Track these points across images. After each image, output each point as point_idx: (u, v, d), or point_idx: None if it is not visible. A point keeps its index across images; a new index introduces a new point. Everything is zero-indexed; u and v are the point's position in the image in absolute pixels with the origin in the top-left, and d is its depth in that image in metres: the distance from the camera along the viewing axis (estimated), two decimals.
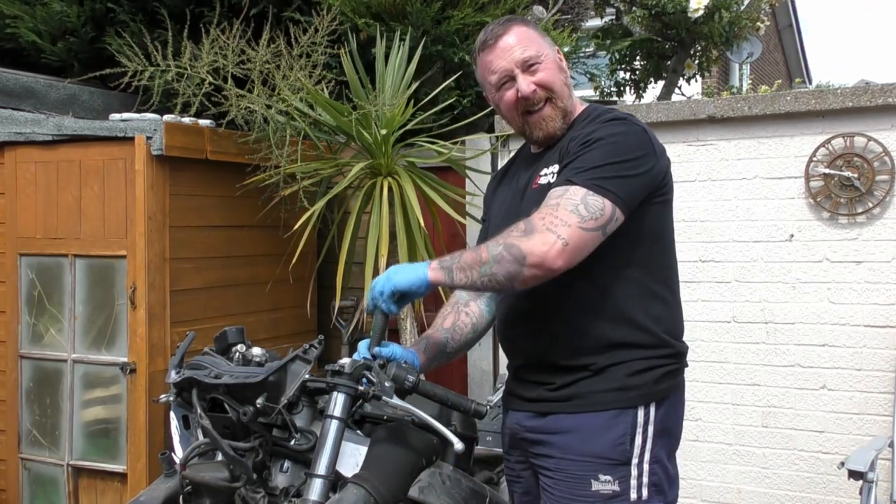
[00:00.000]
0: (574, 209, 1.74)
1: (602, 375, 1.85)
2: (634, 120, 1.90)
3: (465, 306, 2.13)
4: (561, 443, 1.86)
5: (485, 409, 1.91)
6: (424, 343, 2.05)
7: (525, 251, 1.72)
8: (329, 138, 3.65)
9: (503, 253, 1.74)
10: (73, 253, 3.49)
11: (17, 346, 3.62)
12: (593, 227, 1.74)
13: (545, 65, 1.92)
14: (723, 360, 3.66)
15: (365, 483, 1.80)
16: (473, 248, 1.81)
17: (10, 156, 3.61)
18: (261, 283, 3.86)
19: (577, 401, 1.85)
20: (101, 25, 4.46)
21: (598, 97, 5.72)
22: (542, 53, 1.93)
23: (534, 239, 1.72)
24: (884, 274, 3.38)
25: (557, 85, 1.93)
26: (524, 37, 1.94)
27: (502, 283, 1.76)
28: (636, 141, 1.84)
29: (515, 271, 1.73)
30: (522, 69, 1.92)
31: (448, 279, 1.79)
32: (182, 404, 1.99)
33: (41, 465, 3.59)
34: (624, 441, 1.82)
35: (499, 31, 1.96)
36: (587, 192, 1.76)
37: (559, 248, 1.71)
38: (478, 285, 1.78)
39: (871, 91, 3.38)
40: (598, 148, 1.81)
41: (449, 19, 3.95)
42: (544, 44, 1.96)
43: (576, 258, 1.74)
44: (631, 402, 1.83)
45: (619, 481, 1.81)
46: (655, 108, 3.78)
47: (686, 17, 4.93)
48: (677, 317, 1.96)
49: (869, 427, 3.41)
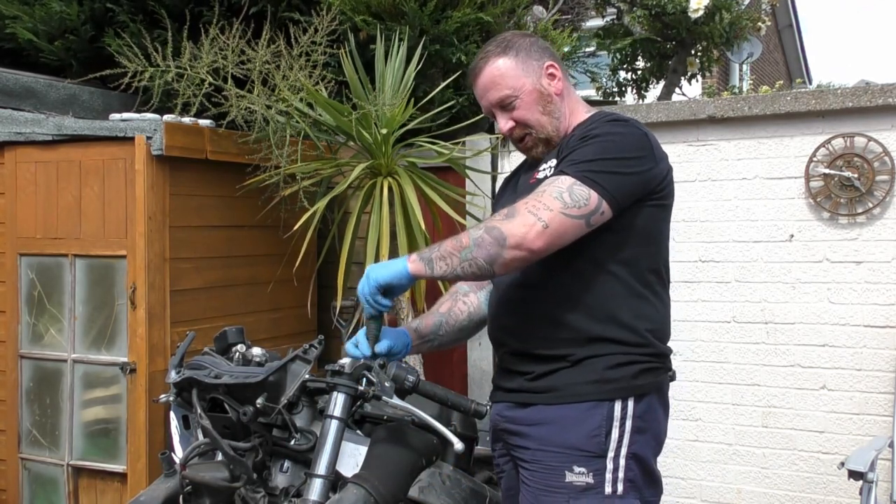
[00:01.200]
0: (559, 196, 1.76)
1: (580, 367, 1.85)
2: (637, 124, 1.91)
3: (463, 296, 2.16)
4: (538, 434, 1.87)
5: (485, 409, 1.91)
6: (417, 323, 2.09)
7: (506, 233, 1.74)
8: (329, 138, 3.65)
9: (484, 235, 1.76)
10: (73, 253, 3.49)
11: (17, 346, 3.62)
12: (576, 214, 1.75)
13: (521, 100, 1.94)
14: (723, 360, 3.66)
15: (365, 483, 1.81)
16: (454, 237, 1.82)
17: (10, 156, 3.61)
18: (261, 283, 3.86)
19: (554, 392, 1.86)
20: (101, 25, 4.45)
21: (600, 97, 5.72)
22: (517, 89, 1.94)
23: (514, 221, 1.75)
24: (884, 274, 3.38)
25: (533, 118, 1.95)
26: (496, 76, 1.95)
27: (483, 266, 1.76)
28: (634, 142, 1.85)
29: (496, 253, 1.74)
30: (499, 108, 1.97)
31: (428, 269, 1.80)
32: (182, 404, 1.99)
33: (41, 465, 3.59)
34: (599, 433, 1.82)
35: (477, 68, 1.99)
36: (575, 181, 1.78)
37: (539, 229, 1.73)
38: (458, 273, 1.79)
39: (872, 91, 3.38)
40: (594, 143, 1.83)
41: (448, 19, 3.94)
42: (522, 76, 1.95)
43: (556, 242, 1.76)
44: (608, 395, 1.83)
45: (594, 474, 1.81)
46: (656, 108, 3.78)
47: (686, 17, 4.93)
48: (663, 320, 1.95)
49: (869, 427, 3.41)
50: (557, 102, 1.97)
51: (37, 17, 4.53)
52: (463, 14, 3.95)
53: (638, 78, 5.67)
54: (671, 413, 3.85)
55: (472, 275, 1.80)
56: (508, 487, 2.04)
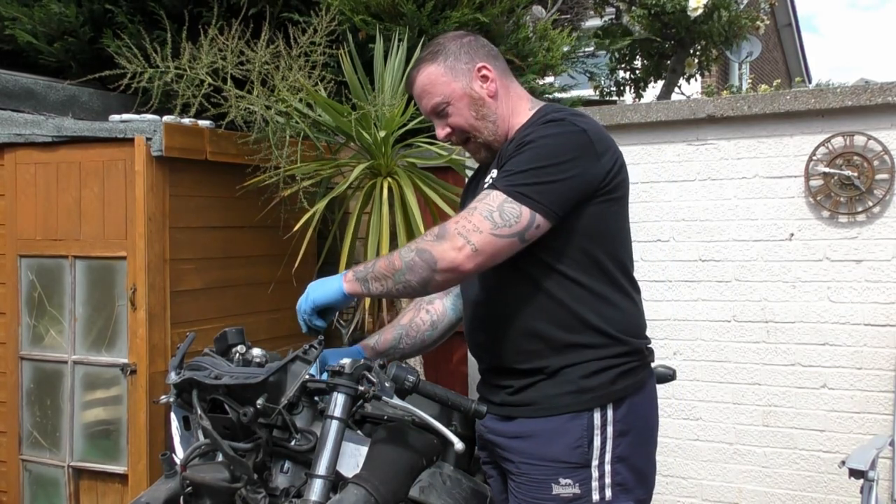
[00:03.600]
0: (489, 215, 1.75)
1: (557, 378, 1.85)
2: (575, 120, 1.85)
3: (428, 304, 2.15)
4: (522, 448, 1.87)
5: (485, 408, 1.91)
6: (375, 339, 2.09)
7: (436, 256, 1.75)
8: (329, 139, 3.65)
9: (415, 259, 1.77)
10: (73, 254, 3.49)
11: (18, 348, 3.62)
12: (507, 234, 1.75)
13: (453, 106, 1.93)
14: (723, 359, 3.66)
15: (365, 483, 1.80)
16: (386, 256, 1.85)
17: (10, 157, 3.61)
18: (261, 283, 3.86)
19: (534, 406, 1.86)
20: (100, 26, 4.45)
21: (598, 96, 5.73)
22: (447, 95, 1.93)
23: (444, 244, 1.75)
24: (884, 272, 3.38)
25: (467, 125, 1.94)
26: (426, 84, 1.95)
27: (416, 289, 1.80)
28: (566, 143, 1.80)
29: (428, 277, 1.76)
30: (435, 116, 1.97)
31: (364, 289, 1.82)
32: (182, 405, 1.99)
33: (42, 467, 3.59)
34: (581, 444, 1.82)
35: (410, 77, 1.99)
36: (506, 198, 1.76)
37: (468, 252, 1.74)
38: (394, 293, 1.82)
39: (871, 90, 3.38)
40: (527, 151, 1.80)
41: (446, 19, 3.94)
42: (452, 81, 1.93)
43: (487, 262, 1.77)
44: (586, 405, 1.82)
45: (580, 484, 1.81)
46: (655, 108, 3.79)
47: (685, 16, 4.94)
48: (631, 316, 1.92)
49: (869, 426, 3.41)
50: (492, 105, 1.93)
51: (36, 18, 4.53)
52: (461, 14, 3.95)
53: (636, 77, 5.68)
54: (672, 412, 3.87)
55: (408, 295, 1.84)
56: (498, 492, 2.05)
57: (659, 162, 3.78)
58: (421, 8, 3.89)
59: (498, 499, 2.06)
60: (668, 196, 3.76)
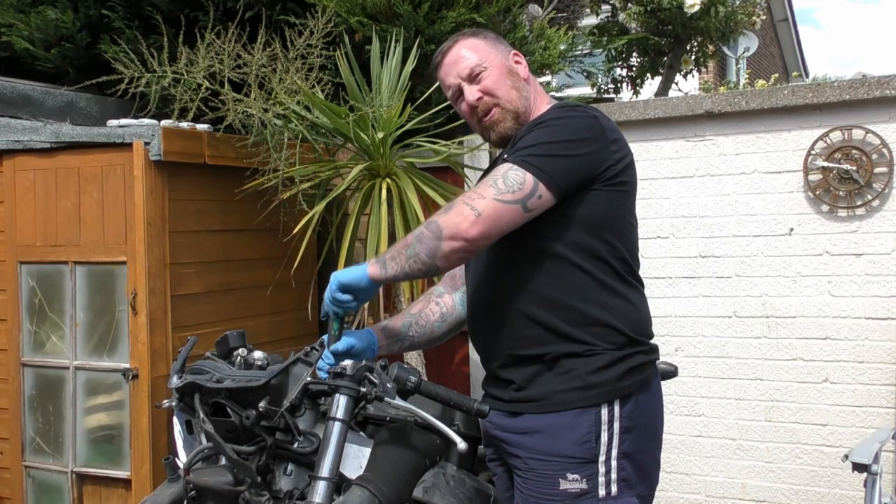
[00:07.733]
0: (493, 183, 1.78)
1: (561, 370, 1.84)
2: (588, 109, 1.90)
3: (438, 297, 2.16)
4: (528, 443, 1.87)
5: (487, 408, 1.91)
6: (385, 323, 2.08)
7: (442, 225, 1.76)
8: (327, 140, 3.65)
9: (424, 231, 1.79)
10: (73, 260, 3.49)
11: (19, 354, 3.62)
12: (510, 199, 1.76)
13: (489, 72, 1.96)
14: (725, 355, 3.66)
15: (369, 485, 1.81)
16: (404, 237, 1.86)
17: (9, 164, 3.61)
18: (261, 286, 3.86)
19: (541, 402, 1.86)
20: (97, 32, 4.45)
21: (595, 94, 5.72)
22: (486, 61, 1.97)
23: (450, 213, 1.78)
24: (884, 266, 3.38)
25: (502, 90, 1.96)
26: (469, 48, 1.99)
27: (426, 261, 1.79)
28: (579, 124, 1.84)
29: (435, 246, 1.77)
30: (469, 80, 1.98)
31: (383, 271, 1.82)
32: (185, 409, 1.99)
33: (45, 473, 3.59)
34: (589, 439, 1.82)
35: (446, 47, 2.02)
36: (511, 166, 1.79)
37: (472, 218, 1.74)
38: (407, 270, 1.81)
39: (869, 83, 3.38)
40: (537, 130, 1.84)
41: (443, 19, 3.94)
42: (492, 51, 1.99)
43: (492, 229, 1.77)
44: (594, 401, 1.83)
45: (587, 479, 1.82)
46: (653, 105, 3.79)
47: (682, 12, 4.94)
48: (638, 310, 1.92)
49: (872, 419, 3.41)
50: (524, 85, 1.99)
51: (32, 25, 4.53)
52: (458, 14, 3.95)
53: (633, 74, 5.68)
54: (674, 409, 3.86)
55: (419, 271, 1.82)
56: (503, 490, 2.05)
57: (658, 159, 3.78)
58: (417, 9, 3.89)
59: (503, 496, 2.06)
60: (668, 193, 3.76)
